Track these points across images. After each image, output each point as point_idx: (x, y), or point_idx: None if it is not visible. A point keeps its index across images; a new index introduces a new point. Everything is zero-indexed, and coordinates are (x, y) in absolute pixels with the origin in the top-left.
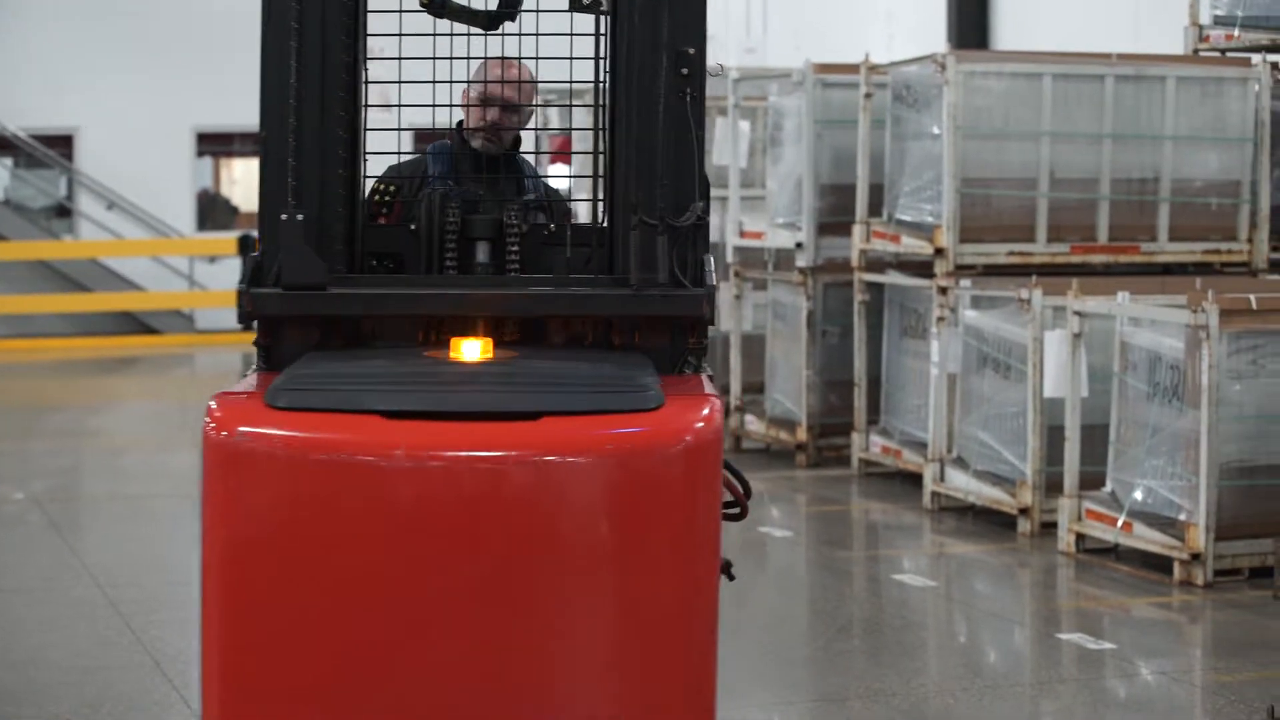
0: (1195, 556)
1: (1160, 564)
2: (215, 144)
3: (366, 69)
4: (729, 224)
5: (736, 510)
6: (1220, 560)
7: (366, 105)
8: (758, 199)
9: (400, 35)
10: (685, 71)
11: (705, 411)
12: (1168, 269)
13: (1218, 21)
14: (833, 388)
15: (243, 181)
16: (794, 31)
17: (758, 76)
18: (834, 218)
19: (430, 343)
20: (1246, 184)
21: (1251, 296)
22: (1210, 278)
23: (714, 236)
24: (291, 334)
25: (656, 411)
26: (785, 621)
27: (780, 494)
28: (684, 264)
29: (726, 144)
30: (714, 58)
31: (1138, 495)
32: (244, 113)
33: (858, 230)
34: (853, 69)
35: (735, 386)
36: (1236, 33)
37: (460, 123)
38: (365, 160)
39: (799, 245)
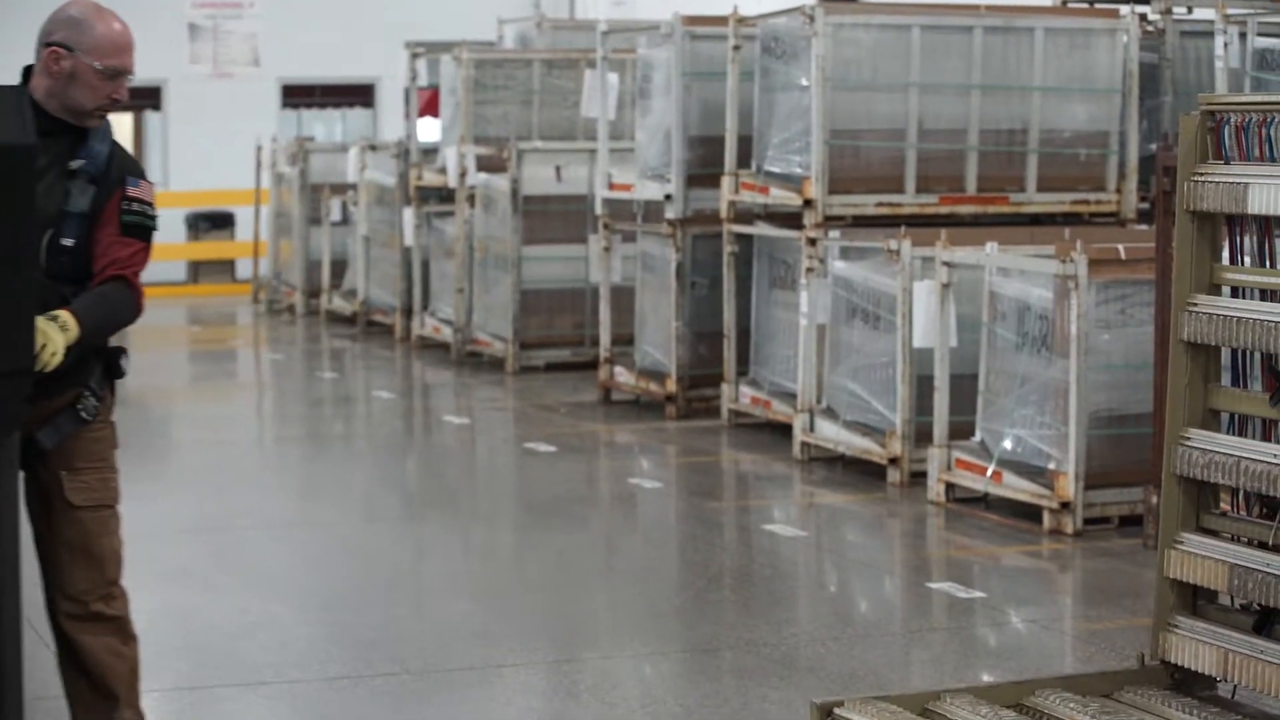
0: (1065, 505)
1: (1030, 513)
2: None
3: None
4: (598, 177)
5: None
6: (1090, 509)
7: None
8: (626, 151)
9: None
10: None
11: None
12: (1036, 219)
13: None
14: (702, 339)
15: None
16: None
17: (626, 29)
18: (703, 170)
19: None
20: (1115, 135)
21: (1120, 246)
22: (1079, 228)
23: (583, 189)
24: None
25: None
26: (656, 572)
27: (650, 445)
28: None
29: (595, 97)
30: (583, 12)
31: (1007, 445)
32: None
33: (726, 182)
34: (721, 21)
35: (604, 339)
36: None
37: (29, 68)
38: None
39: (668, 197)
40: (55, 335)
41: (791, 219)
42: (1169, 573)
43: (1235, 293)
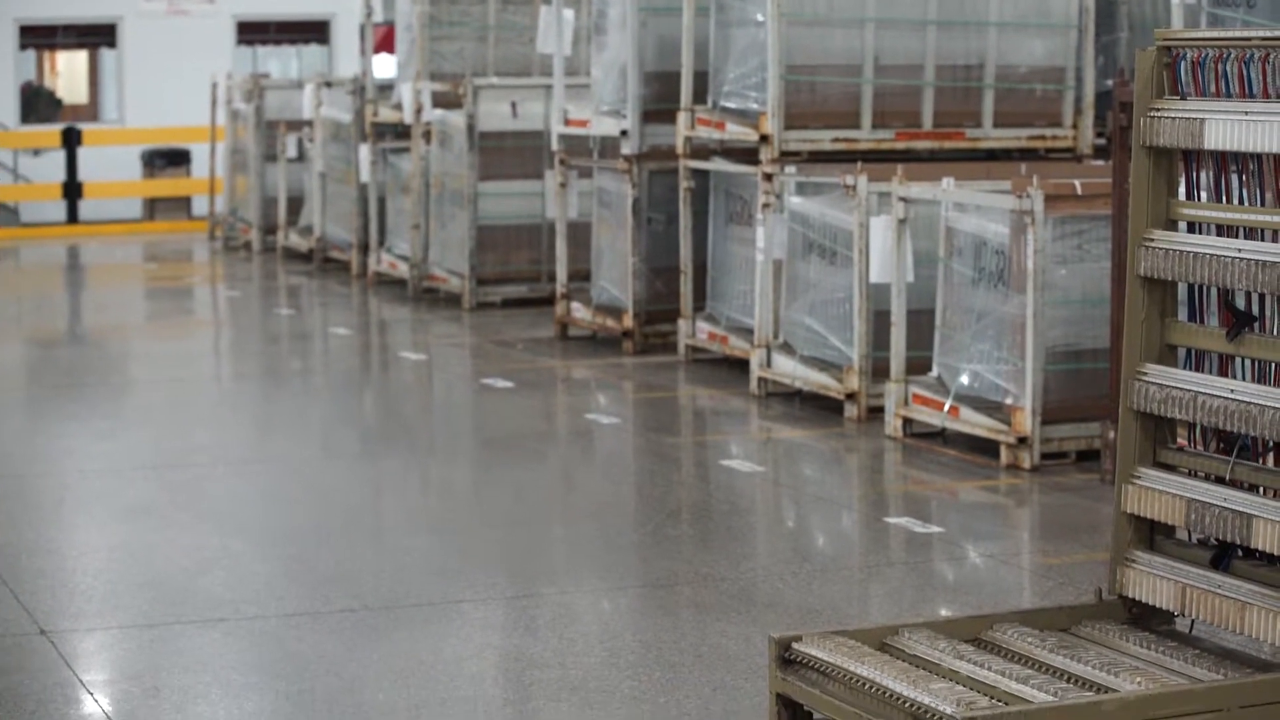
0: (1022, 440)
1: (987, 448)
2: (38, 37)
3: None
4: (553, 113)
5: None
6: (1047, 444)
7: None
8: (582, 87)
9: None
10: None
11: None
12: (993, 155)
13: None
14: (659, 275)
15: (66, 74)
16: None
17: None
18: (659, 105)
19: None
20: (1071, 70)
21: (1076, 182)
22: (1035, 163)
23: (539, 125)
24: None
25: None
26: (614, 508)
27: (607, 381)
28: None
29: (550, 32)
30: None
31: (964, 380)
32: (67, 5)
33: (683, 117)
34: None
35: (561, 274)
36: None
37: None
38: None
39: (624, 133)
40: None
41: (748, 154)
42: (1126, 508)
43: (1192, 228)
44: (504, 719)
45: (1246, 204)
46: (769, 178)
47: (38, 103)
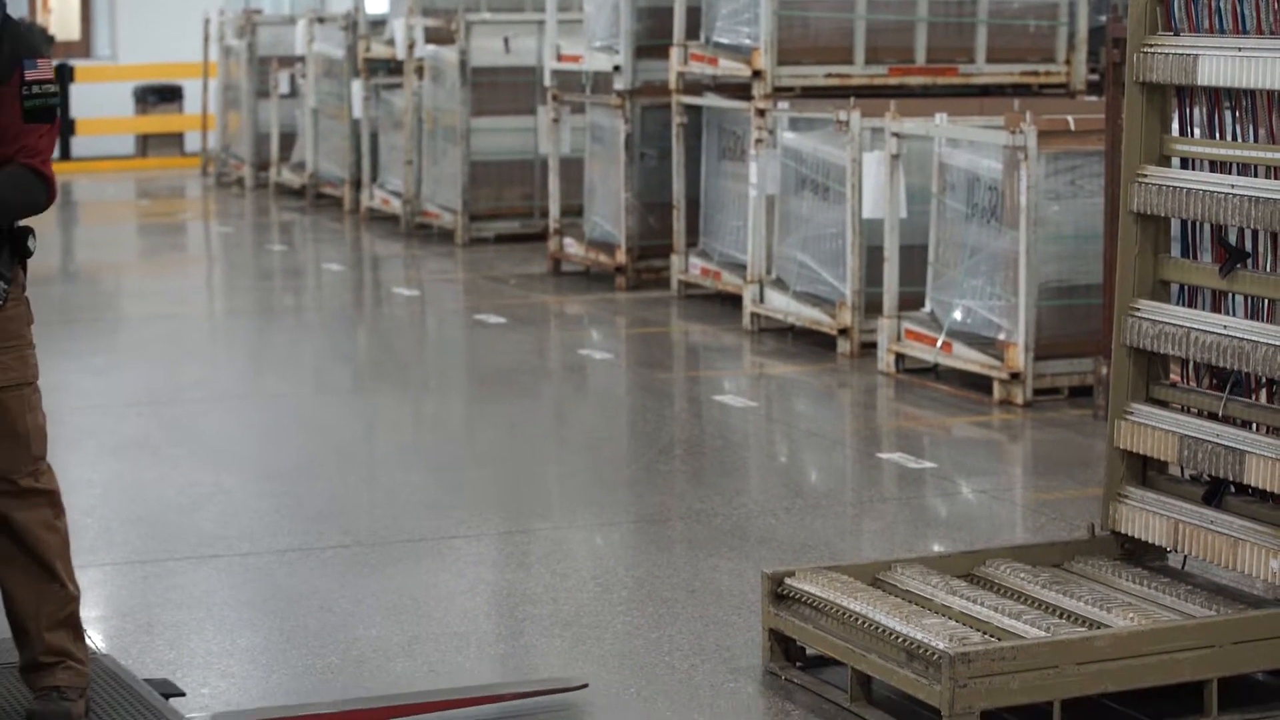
0: (1015, 376)
1: (980, 384)
2: None
3: None
4: (546, 48)
5: None
6: (1040, 380)
7: None
8: (575, 23)
9: None
10: None
11: None
12: (986, 90)
13: None
14: (651, 210)
15: (58, 10)
16: None
17: None
18: (651, 41)
19: None
20: (1064, 6)
21: (1069, 117)
22: (1028, 99)
23: (532, 60)
24: None
25: None
26: (606, 443)
27: (600, 317)
28: None
29: None
30: None
31: (957, 315)
32: None
33: (675, 53)
34: None
35: (554, 210)
36: None
37: None
38: None
39: (616, 69)
40: None
41: (740, 90)
42: (1119, 443)
43: (1185, 164)
44: (496, 654)
45: (1239, 140)
46: (762, 113)
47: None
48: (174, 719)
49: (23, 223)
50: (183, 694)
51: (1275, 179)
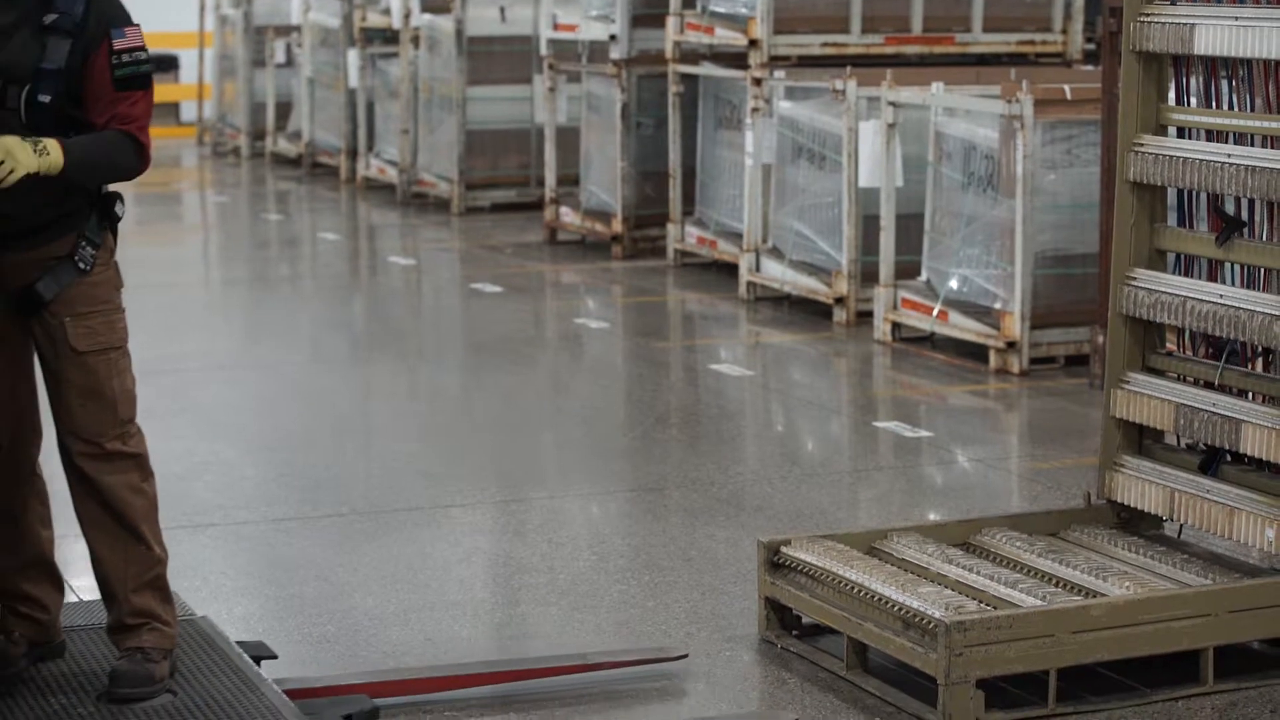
0: (1011, 345)
1: (976, 352)
2: None
3: None
4: (542, 17)
5: None
6: (1036, 348)
7: None
8: None
9: None
10: None
11: None
12: (982, 60)
13: None
14: (648, 179)
15: None
16: None
17: None
18: (648, 9)
19: None
20: None
21: (1066, 86)
22: (1025, 68)
23: (528, 29)
24: None
25: None
26: (603, 412)
27: (596, 286)
28: None
29: None
30: None
31: (953, 284)
32: None
33: (672, 22)
34: None
35: (550, 179)
36: None
37: None
38: None
39: (613, 38)
40: (20, 154)
41: (737, 59)
42: (1115, 412)
43: (1181, 133)
44: (492, 623)
45: (1236, 109)
46: (758, 82)
47: None
48: (260, 683)
49: (110, 188)
50: (275, 656)
51: (1272, 148)
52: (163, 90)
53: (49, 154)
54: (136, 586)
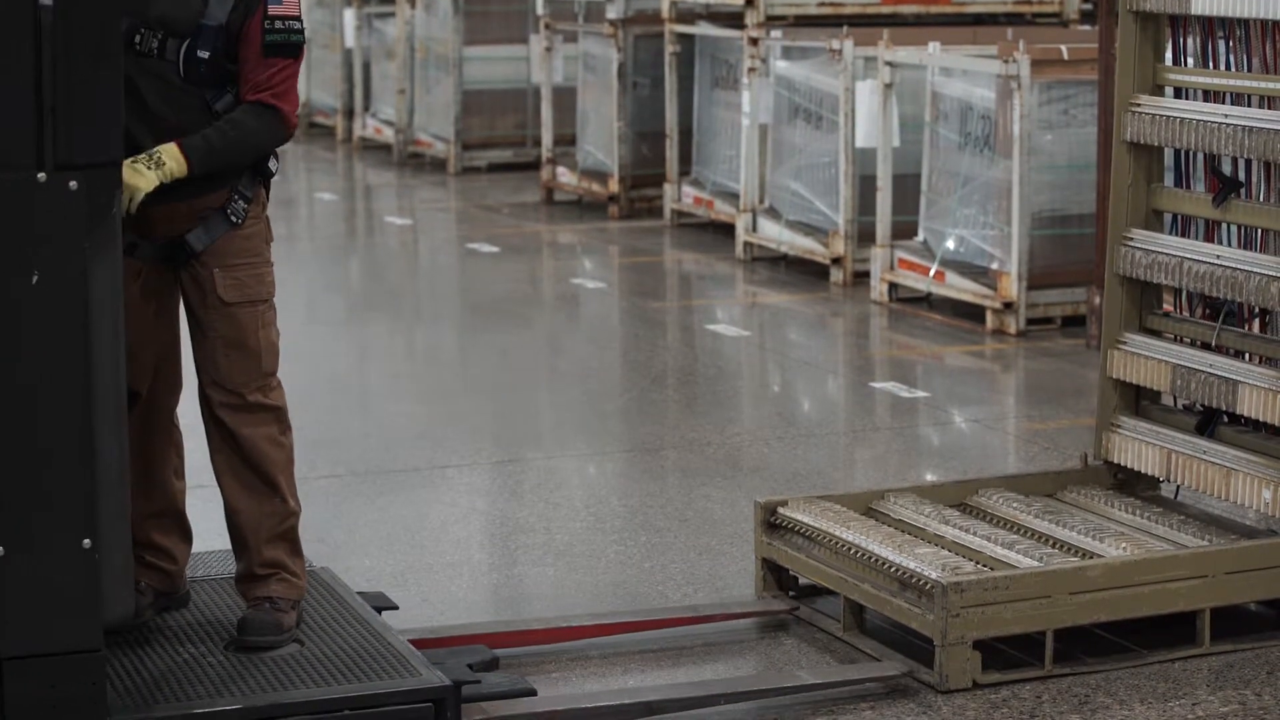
0: (1008, 305)
1: (973, 313)
2: None
3: None
4: None
5: None
6: (1033, 309)
7: None
8: None
9: None
10: None
11: None
12: (979, 19)
13: None
14: (644, 139)
15: None
16: None
17: None
18: None
19: None
20: None
21: (1063, 47)
22: (1021, 28)
23: None
24: None
25: None
26: (599, 372)
27: (593, 246)
28: None
29: None
30: None
31: (950, 245)
32: None
33: None
34: None
35: (547, 139)
36: None
37: None
38: None
39: None
40: (135, 180)
41: (733, 18)
42: (1112, 373)
43: (1178, 93)
44: (490, 584)
45: (1233, 70)
46: (755, 42)
47: None
48: (386, 632)
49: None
50: (395, 607)
51: (1269, 109)
52: None
53: (164, 164)
54: (270, 538)
